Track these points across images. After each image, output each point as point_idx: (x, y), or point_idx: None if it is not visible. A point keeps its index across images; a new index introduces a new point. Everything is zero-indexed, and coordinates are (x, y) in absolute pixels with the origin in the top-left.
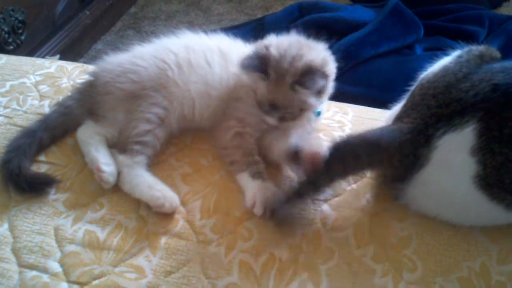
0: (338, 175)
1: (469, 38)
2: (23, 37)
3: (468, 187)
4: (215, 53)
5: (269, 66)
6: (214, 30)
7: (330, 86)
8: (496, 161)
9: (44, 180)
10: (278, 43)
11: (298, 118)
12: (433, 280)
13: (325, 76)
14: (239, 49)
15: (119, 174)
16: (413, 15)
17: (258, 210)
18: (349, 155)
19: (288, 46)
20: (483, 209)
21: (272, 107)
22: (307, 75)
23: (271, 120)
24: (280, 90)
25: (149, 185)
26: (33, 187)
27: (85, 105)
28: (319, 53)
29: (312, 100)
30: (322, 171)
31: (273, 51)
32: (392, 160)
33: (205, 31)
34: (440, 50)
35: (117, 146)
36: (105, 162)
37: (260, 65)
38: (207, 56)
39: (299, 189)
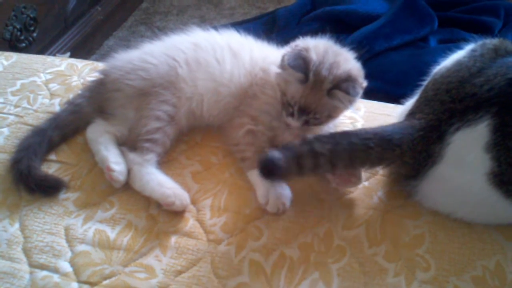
0: (342, 163)
1: (484, 29)
2: (35, 34)
3: (482, 184)
4: (225, 50)
5: (309, 70)
6: (226, 25)
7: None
8: (511, 157)
9: (53, 183)
10: (315, 47)
11: (322, 124)
12: (446, 279)
13: (362, 87)
14: (250, 46)
15: (129, 172)
16: (427, 7)
17: (272, 207)
18: (359, 146)
19: (324, 52)
20: (497, 207)
21: (301, 110)
22: (349, 82)
23: (294, 123)
24: (316, 95)
25: (159, 183)
26: (42, 189)
27: (95, 103)
28: (354, 64)
29: (346, 106)
30: (327, 151)
31: (313, 55)
32: (404, 157)
33: (216, 27)
34: (454, 43)
35: (127, 144)
36: (115, 161)
37: (304, 66)
38: (217, 54)
39: (301, 152)
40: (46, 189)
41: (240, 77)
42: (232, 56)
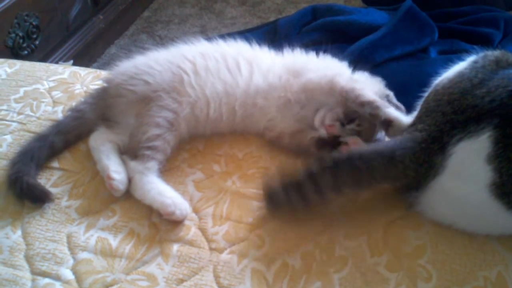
0: (348, 186)
1: (484, 40)
2: (37, 42)
3: (484, 195)
4: (240, 58)
5: None
6: (229, 34)
7: None
8: None
9: (38, 194)
10: None
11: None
12: None
13: None
14: (265, 53)
15: (130, 181)
16: (428, 18)
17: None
18: (362, 167)
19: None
20: (499, 218)
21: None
22: None
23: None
24: None
25: (159, 192)
26: (27, 197)
27: (98, 109)
28: None
29: None
30: (329, 177)
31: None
32: (407, 171)
33: (223, 36)
34: (454, 53)
35: (128, 152)
36: (115, 169)
37: None
38: (229, 63)
39: (301, 182)
40: (30, 198)
41: (267, 77)
42: (247, 63)
